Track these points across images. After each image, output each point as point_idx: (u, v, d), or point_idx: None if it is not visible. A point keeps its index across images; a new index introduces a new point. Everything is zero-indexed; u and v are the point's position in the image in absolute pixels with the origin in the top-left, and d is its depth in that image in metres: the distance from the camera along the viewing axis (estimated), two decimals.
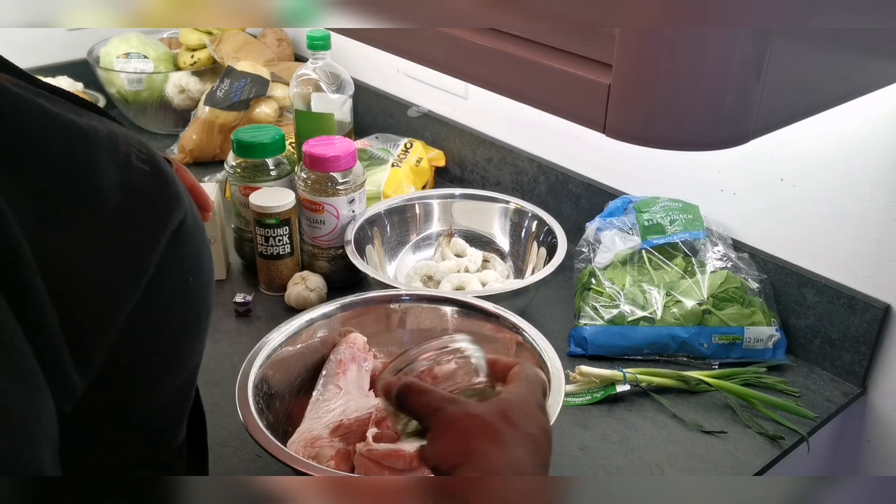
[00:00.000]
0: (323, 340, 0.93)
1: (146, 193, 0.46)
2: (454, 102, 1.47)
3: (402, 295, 0.98)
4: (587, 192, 1.27)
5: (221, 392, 0.95)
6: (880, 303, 0.97)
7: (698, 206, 1.12)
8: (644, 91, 0.51)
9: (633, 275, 1.07)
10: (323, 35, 1.26)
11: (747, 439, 0.93)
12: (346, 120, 1.32)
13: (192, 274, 0.50)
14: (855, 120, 0.93)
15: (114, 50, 1.62)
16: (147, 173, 0.46)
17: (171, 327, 0.49)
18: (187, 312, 0.51)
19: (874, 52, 0.61)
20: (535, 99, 0.58)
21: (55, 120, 0.43)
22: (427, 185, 1.42)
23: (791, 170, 1.02)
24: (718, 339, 1.02)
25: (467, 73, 0.62)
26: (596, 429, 0.94)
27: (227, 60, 1.57)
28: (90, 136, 0.44)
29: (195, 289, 0.50)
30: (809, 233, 1.02)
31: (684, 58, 0.48)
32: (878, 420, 1.02)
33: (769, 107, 0.52)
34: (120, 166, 0.45)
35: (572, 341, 1.06)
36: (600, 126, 0.53)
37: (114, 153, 0.45)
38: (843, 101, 0.61)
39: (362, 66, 1.63)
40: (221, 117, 1.50)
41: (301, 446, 0.80)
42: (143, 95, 1.61)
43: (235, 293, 1.15)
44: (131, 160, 0.46)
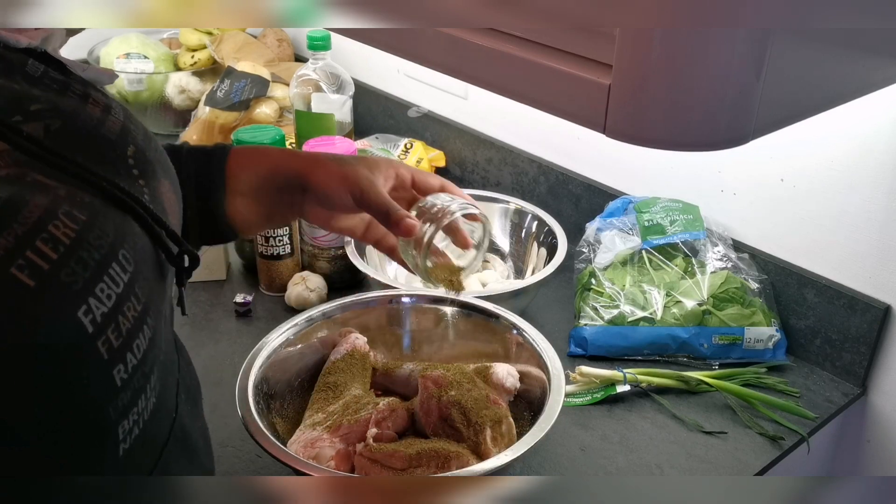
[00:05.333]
0: (323, 341, 0.93)
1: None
2: (454, 103, 1.47)
3: (402, 295, 0.98)
4: (587, 192, 1.27)
5: (221, 392, 0.95)
6: (880, 303, 0.97)
7: (698, 207, 1.12)
8: (644, 91, 0.50)
9: (633, 275, 1.07)
10: (323, 35, 1.26)
11: (747, 440, 0.93)
12: (346, 120, 1.32)
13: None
14: (855, 120, 0.93)
15: (114, 50, 1.62)
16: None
17: None
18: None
19: (874, 52, 0.61)
20: (535, 99, 0.58)
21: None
22: None
23: (791, 170, 1.02)
24: (718, 340, 1.02)
25: (467, 74, 0.62)
26: (596, 429, 0.94)
27: (227, 61, 1.57)
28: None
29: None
30: (809, 233, 1.02)
31: (684, 58, 0.48)
32: (879, 420, 1.02)
33: (769, 107, 0.52)
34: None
35: (572, 341, 1.06)
36: (600, 126, 0.53)
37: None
38: (843, 101, 0.61)
39: (362, 66, 1.63)
40: (222, 118, 1.50)
41: (301, 446, 0.80)
42: (144, 96, 1.61)
43: (236, 293, 1.15)
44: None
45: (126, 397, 0.46)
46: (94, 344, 0.43)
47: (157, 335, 0.49)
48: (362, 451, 0.78)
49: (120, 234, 0.46)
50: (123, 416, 0.46)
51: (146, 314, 0.47)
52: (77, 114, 0.50)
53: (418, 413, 0.84)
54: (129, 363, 0.45)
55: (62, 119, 0.48)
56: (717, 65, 0.49)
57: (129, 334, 0.45)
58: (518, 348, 0.91)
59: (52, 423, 0.42)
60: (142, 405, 0.48)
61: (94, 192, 0.46)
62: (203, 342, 1.08)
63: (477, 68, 0.61)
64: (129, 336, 0.45)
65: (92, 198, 0.45)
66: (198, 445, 0.60)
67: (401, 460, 0.77)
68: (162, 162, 0.57)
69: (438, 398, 0.82)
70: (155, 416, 0.50)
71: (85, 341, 0.42)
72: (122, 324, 0.45)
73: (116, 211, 0.47)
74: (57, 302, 0.41)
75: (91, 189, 0.46)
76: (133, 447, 0.47)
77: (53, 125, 0.47)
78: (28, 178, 0.43)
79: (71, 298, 0.42)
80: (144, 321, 0.47)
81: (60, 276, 0.41)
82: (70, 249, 0.42)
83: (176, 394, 0.56)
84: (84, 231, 0.43)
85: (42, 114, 0.47)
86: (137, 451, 0.48)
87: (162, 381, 0.51)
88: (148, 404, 0.49)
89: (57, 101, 0.49)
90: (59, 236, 0.42)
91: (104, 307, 0.43)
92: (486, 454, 0.78)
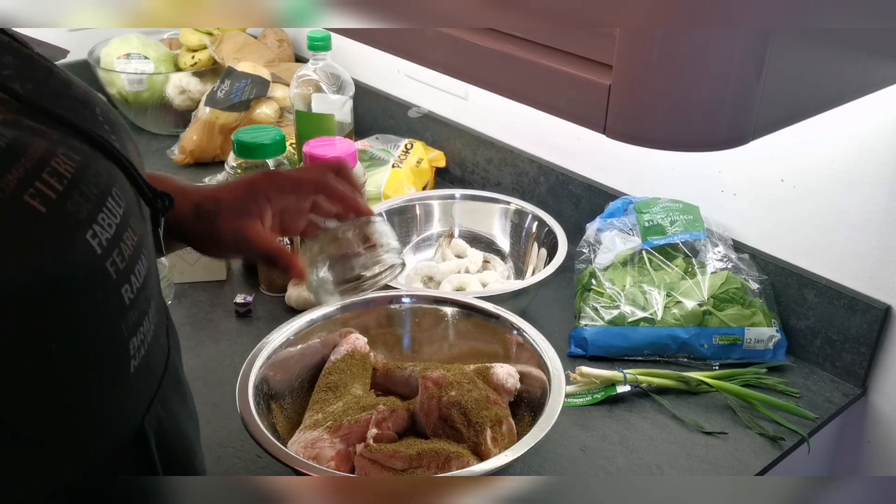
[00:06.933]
0: (323, 341, 0.93)
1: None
2: (454, 103, 1.47)
3: (402, 296, 0.98)
4: (587, 192, 1.27)
5: (222, 392, 0.95)
6: (881, 303, 0.97)
7: (699, 207, 1.12)
8: (644, 92, 0.50)
9: (633, 275, 1.07)
10: (323, 36, 1.26)
11: (748, 440, 0.93)
12: (346, 121, 1.32)
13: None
14: (855, 120, 0.93)
15: (114, 50, 1.62)
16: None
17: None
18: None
19: (874, 52, 0.61)
20: (535, 100, 0.58)
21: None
22: (427, 185, 1.42)
23: (791, 170, 1.02)
24: (719, 340, 1.02)
25: (467, 74, 0.62)
26: (596, 429, 0.94)
27: (227, 61, 1.57)
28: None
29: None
30: (809, 233, 1.02)
31: (684, 58, 0.48)
32: (879, 421, 1.02)
33: (769, 107, 0.52)
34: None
35: (572, 342, 1.06)
36: (600, 127, 0.53)
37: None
38: (843, 101, 0.61)
39: (362, 66, 1.63)
40: (222, 118, 1.50)
41: (301, 447, 0.80)
42: (144, 96, 1.61)
43: (236, 294, 1.15)
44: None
45: (134, 316, 0.50)
46: (104, 264, 0.47)
47: (150, 272, 0.54)
48: (362, 451, 0.78)
49: (110, 176, 0.51)
50: (133, 334, 0.50)
51: (142, 246, 0.52)
52: (47, 79, 0.53)
53: (418, 413, 0.84)
54: (134, 285, 0.50)
55: (34, 83, 0.51)
56: (717, 65, 0.49)
57: (131, 260, 0.50)
58: (518, 349, 0.91)
59: (76, 339, 0.46)
60: (146, 327, 0.52)
61: (81, 140, 0.50)
62: (203, 342, 1.08)
63: (477, 68, 0.61)
64: (131, 262, 0.50)
65: (81, 144, 0.49)
66: (187, 392, 0.64)
67: (401, 461, 0.77)
68: (125, 126, 0.59)
69: (439, 398, 0.82)
70: (154, 345, 0.54)
71: (96, 261, 0.46)
72: (124, 250, 0.49)
73: (102, 157, 0.51)
74: (67, 226, 0.45)
75: (78, 137, 0.50)
76: (141, 367, 0.52)
77: (27, 87, 0.50)
78: (24, 123, 0.46)
79: (79, 224, 0.46)
80: (141, 252, 0.52)
81: (67, 206, 0.45)
82: (72, 183, 0.46)
83: (167, 335, 0.60)
84: (81, 169, 0.47)
85: (15, 77, 0.50)
86: (143, 373, 0.53)
87: (157, 318, 0.55)
88: (150, 329, 0.53)
89: (25, 67, 0.52)
90: (62, 171, 0.46)
91: (107, 233, 0.48)
92: (486, 454, 0.78)
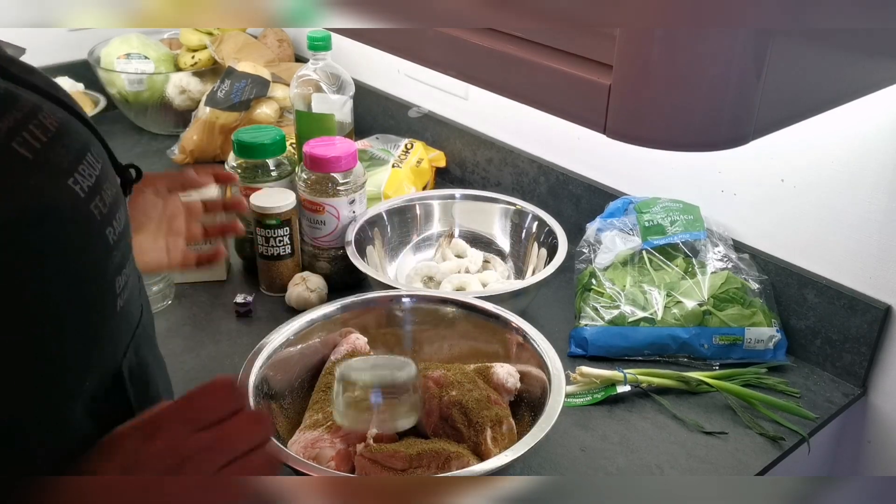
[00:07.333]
0: (323, 341, 0.93)
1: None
2: (454, 103, 1.47)
3: (402, 296, 0.98)
4: (588, 192, 1.27)
5: None
6: (881, 303, 0.97)
7: (699, 207, 1.12)
8: (644, 92, 0.51)
9: (633, 275, 1.07)
10: (323, 36, 1.26)
11: (748, 440, 0.93)
12: (346, 120, 1.32)
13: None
14: (855, 120, 0.93)
15: (114, 50, 1.62)
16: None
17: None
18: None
19: (874, 52, 0.61)
20: (535, 100, 0.58)
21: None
22: (427, 185, 1.42)
23: (791, 170, 1.02)
24: (719, 340, 1.02)
25: (467, 74, 0.62)
26: (596, 429, 0.94)
27: (227, 61, 1.57)
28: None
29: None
30: (810, 233, 1.02)
31: (684, 58, 0.49)
32: (879, 421, 1.02)
33: (769, 107, 0.52)
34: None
35: (573, 342, 1.06)
36: (601, 127, 0.53)
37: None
38: (843, 101, 0.61)
39: (363, 66, 1.63)
40: (222, 118, 1.50)
41: (302, 447, 0.80)
42: (144, 96, 1.62)
43: (236, 294, 1.15)
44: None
45: (117, 256, 0.54)
46: (88, 207, 0.50)
47: (126, 227, 0.57)
48: (363, 451, 0.78)
49: (87, 138, 0.54)
50: (118, 273, 0.54)
51: (119, 200, 0.55)
52: (14, 62, 0.55)
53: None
54: (116, 228, 0.54)
55: (6, 61, 0.54)
56: (717, 65, 0.49)
57: (112, 206, 0.53)
58: (518, 348, 0.91)
59: (69, 267, 0.49)
60: (127, 271, 0.56)
61: (58, 105, 0.53)
62: (203, 342, 1.08)
63: (477, 68, 0.61)
64: (112, 207, 0.53)
65: (59, 108, 0.53)
66: (156, 346, 0.67)
67: (401, 461, 0.77)
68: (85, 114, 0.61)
69: (439, 398, 0.82)
70: (132, 293, 0.58)
71: (80, 203, 0.50)
72: (105, 197, 0.53)
73: (78, 122, 0.54)
74: (51, 172, 0.49)
75: (56, 103, 0.53)
76: (125, 307, 0.56)
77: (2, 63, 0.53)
78: (9, 85, 0.50)
79: (61, 172, 0.50)
80: (120, 203, 0.55)
81: (50, 156, 0.49)
82: (55, 136, 0.50)
83: (139, 294, 0.63)
84: (63, 126, 0.51)
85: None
86: (126, 313, 0.56)
87: (135, 272, 0.59)
88: (130, 275, 0.57)
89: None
90: (47, 125, 0.50)
91: (88, 182, 0.51)
92: (486, 454, 0.78)
